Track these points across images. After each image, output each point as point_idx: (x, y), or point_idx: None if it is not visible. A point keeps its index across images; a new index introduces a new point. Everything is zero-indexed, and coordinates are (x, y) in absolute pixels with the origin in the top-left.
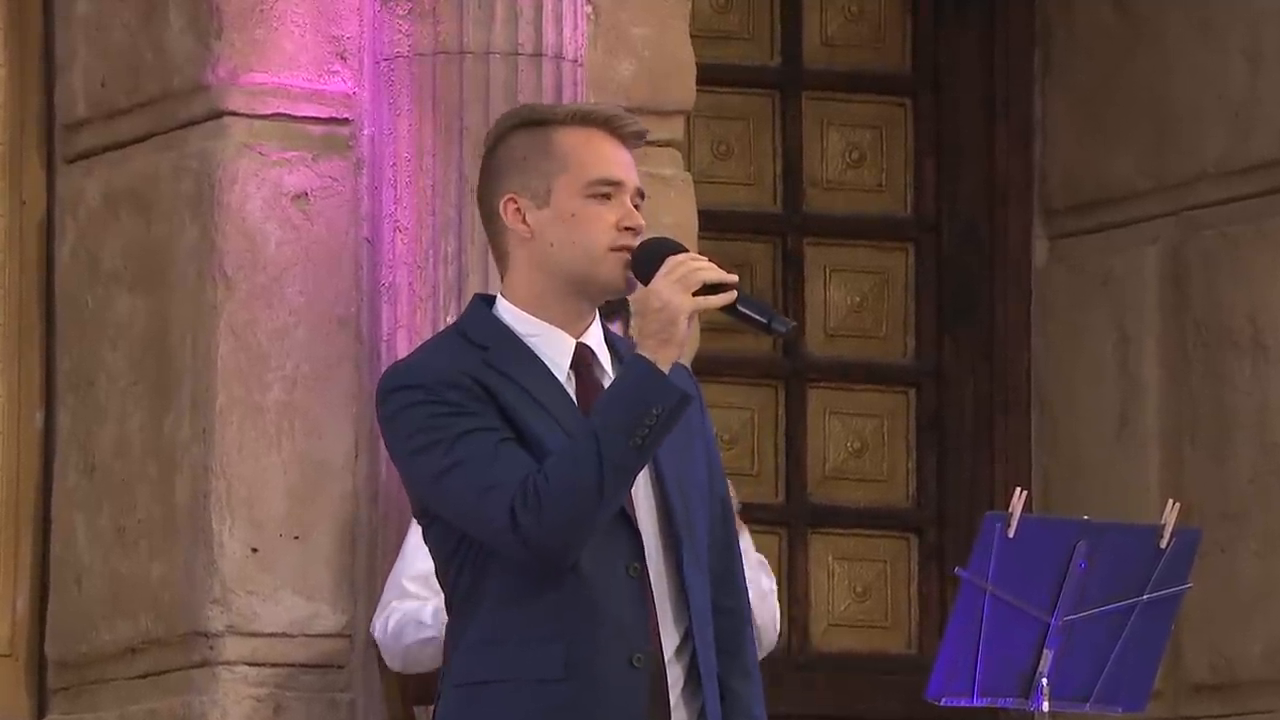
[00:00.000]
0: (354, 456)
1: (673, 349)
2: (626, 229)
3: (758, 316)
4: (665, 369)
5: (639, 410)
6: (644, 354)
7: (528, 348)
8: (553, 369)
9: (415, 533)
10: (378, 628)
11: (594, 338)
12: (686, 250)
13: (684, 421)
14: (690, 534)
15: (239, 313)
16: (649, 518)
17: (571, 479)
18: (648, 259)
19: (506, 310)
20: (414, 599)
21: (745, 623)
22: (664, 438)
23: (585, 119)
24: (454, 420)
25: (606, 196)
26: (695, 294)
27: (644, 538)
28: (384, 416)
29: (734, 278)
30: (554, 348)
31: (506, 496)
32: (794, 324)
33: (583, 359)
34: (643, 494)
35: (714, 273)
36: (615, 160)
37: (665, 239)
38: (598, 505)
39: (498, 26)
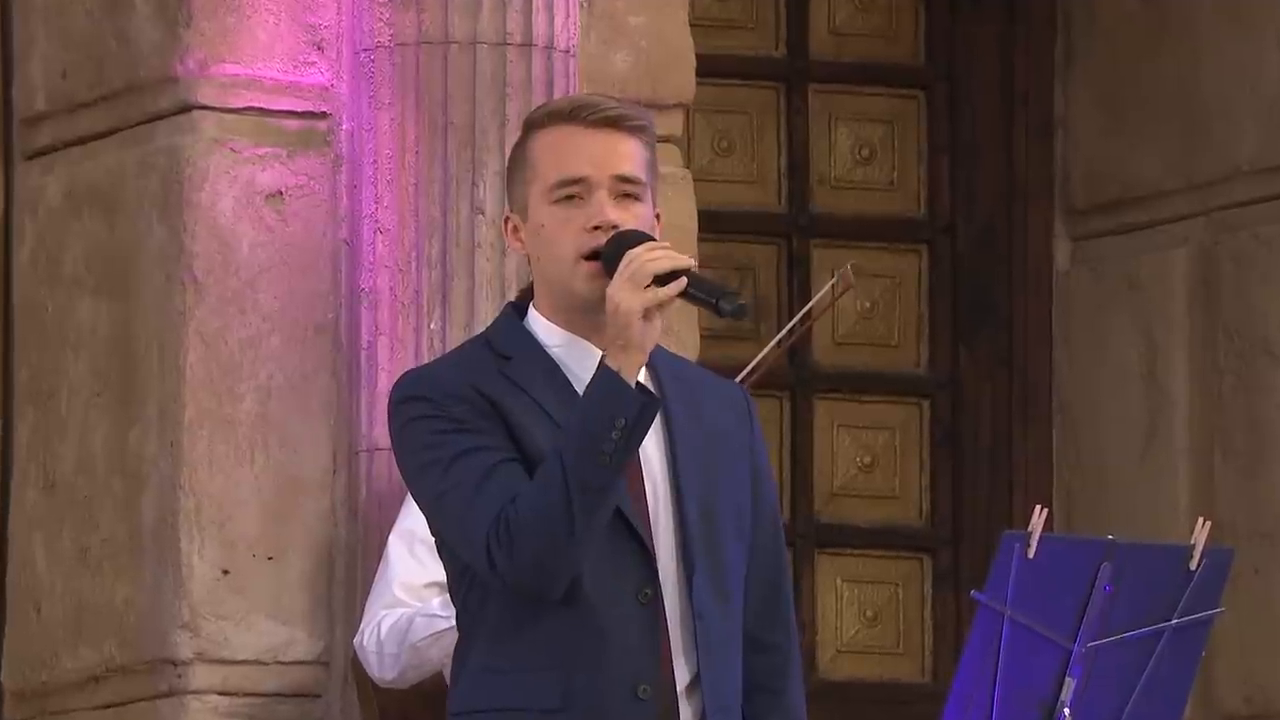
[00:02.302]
0: (331, 472)
1: (634, 353)
2: (594, 229)
3: (705, 298)
4: (630, 376)
5: (603, 424)
6: (609, 363)
7: (552, 359)
8: (575, 382)
9: (397, 542)
10: (367, 637)
11: None
12: (651, 240)
13: (723, 440)
14: (710, 559)
15: (209, 319)
16: (668, 542)
17: (539, 507)
18: (611, 258)
19: (536, 320)
20: (407, 608)
21: (791, 660)
22: (634, 450)
23: (553, 116)
24: (454, 438)
25: (572, 198)
26: (649, 287)
27: (660, 563)
28: (393, 430)
29: (688, 261)
30: (579, 360)
31: (485, 526)
32: (744, 303)
33: None
34: (663, 517)
35: (664, 261)
36: (578, 155)
37: (627, 233)
38: (569, 531)
39: (485, 15)
